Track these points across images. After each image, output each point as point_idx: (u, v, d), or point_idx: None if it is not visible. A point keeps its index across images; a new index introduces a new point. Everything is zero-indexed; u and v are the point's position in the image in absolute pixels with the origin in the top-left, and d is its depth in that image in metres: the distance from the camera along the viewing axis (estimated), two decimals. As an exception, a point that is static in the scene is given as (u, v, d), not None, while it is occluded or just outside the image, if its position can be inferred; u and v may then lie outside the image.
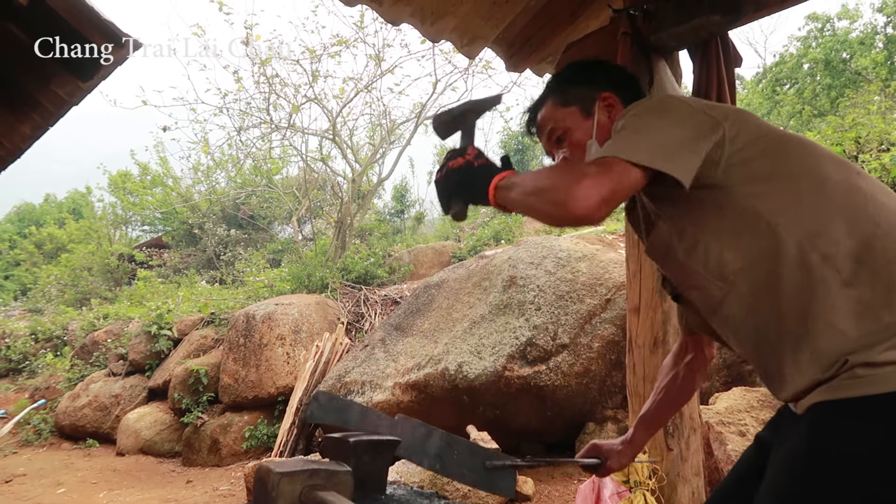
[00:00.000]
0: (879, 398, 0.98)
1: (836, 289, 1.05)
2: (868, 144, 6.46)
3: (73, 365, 9.74)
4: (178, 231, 16.42)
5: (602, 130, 1.42)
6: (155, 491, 5.97)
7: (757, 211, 1.13)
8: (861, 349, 1.01)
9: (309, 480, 1.05)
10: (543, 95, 1.53)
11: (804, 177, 1.14)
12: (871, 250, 1.05)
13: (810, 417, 1.06)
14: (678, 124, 1.18)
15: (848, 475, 0.98)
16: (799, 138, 1.23)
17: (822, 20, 16.78)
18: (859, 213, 1.09)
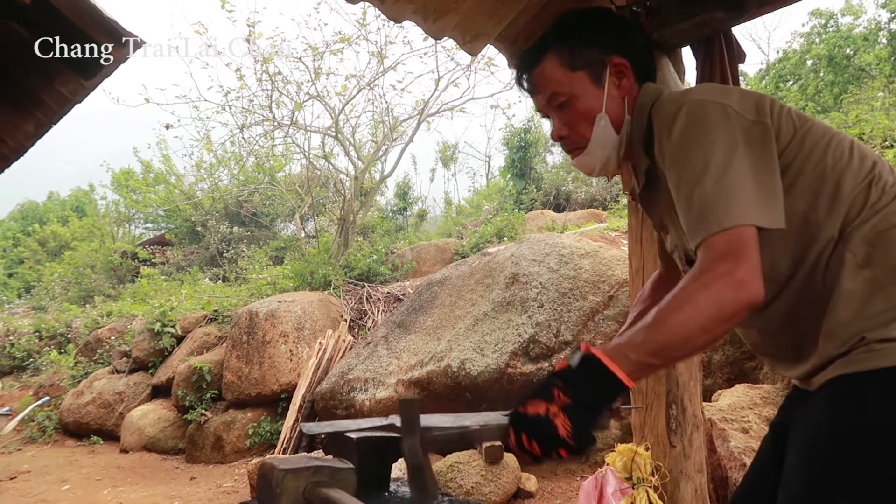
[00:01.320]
0: (893, 370, 1.01)
1: (851, 271, 1.08)
2: (871, 141, 6.44)
3: (76, 362, 9.77)
4: (181, 229, 16.44)
5: (612, 101, 1.31)
6: (159, 488, 5.99)
7: (803, 211, 1.13)
8: (876, 327, 1.04)
9: (312, 477, 1.05)
10: (544, 47, 1.34)
11: (838, 170, 1.14)
12: (885, 234, 1.08)
13: (828, 392, 1.08)
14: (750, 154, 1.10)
15: (871, 445, 1.00)
16: (825, 128, 1.21)
17: (825, 16, 16.73)
18: (880, 201, 1.11)
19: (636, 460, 2.47)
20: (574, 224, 9.58)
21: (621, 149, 1.34)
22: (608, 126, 1.31)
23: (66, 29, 3.09)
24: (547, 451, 1.06)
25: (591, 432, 1.05)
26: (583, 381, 1.05)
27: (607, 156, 1.34)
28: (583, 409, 1.04)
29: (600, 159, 1.34)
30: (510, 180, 14.15)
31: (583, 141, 1.34)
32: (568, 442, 1.03)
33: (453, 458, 4.45)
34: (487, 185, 17.85)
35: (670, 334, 1.03)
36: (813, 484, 1.06)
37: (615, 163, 1.36)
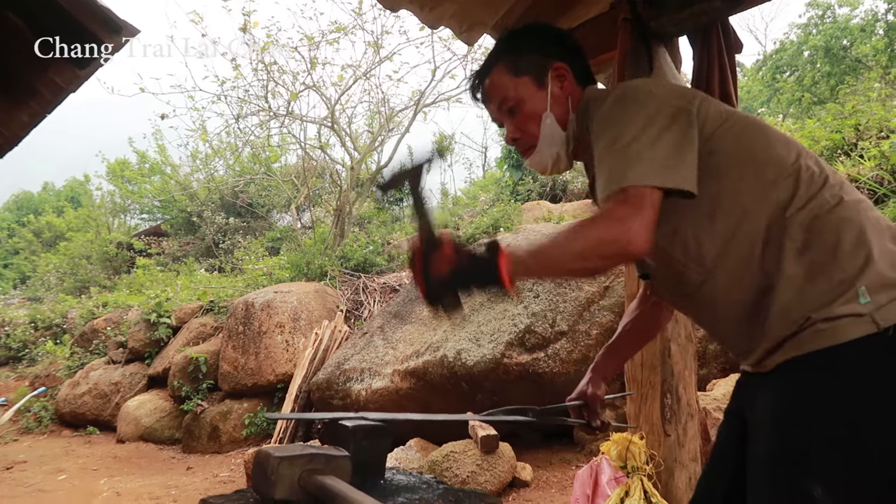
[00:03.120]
0: (839, 348, 1.07)
1: (792, 257, 1.15)
2: (868, 132, 6.45)
3: (72, 353, 9.76)
4: (177, 219, 16.38)
5: (556, 102, 1.43)
6: (155, 477, 6.00)
7: (729, 196, 1.21)
8: (820, 306, 1.10)
9: (308, 465, 1.05)
10: (491, 62, 1.49)
11: (765, 160, 1.22)
12: (819, 220, 1.15)
13: (781, 375, 1.15)
14: (667, 128, 1.20)
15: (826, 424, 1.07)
16: (753, 120, 1.31)
17: (822, 7, 16.70)
18: (809, 189, 1.18)
19: (631, 449, 2.48)
20: (570, 215, 9.58)
21: (569, 145, 1.45)
22: (554, 123, 1.42)
23: (61, 18, 3.06)
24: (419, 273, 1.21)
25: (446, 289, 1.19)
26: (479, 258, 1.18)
27: (556, 153, 1.45)
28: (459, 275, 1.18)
29: (550, 157, 1.45)
30: (506, 171, 14.12)
31: (533, 140, 1.45)
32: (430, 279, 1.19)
33: (449, 448, 4.46)
34: (484, 176, 17.83)
35: (556, 251, 1.17)
36: (779, 467, 1.10)
37: (565, 160, 1.47)
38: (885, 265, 1.11)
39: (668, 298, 1.43)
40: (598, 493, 2.72)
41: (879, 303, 1.07)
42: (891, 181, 5.35)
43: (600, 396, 1.66)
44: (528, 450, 5.06)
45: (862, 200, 1.20)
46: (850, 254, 1.12)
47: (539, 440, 5.27)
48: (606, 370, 1.70)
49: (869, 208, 1.20)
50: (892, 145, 5.49)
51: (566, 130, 1.43)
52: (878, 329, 1.06)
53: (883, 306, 1.07)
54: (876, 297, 1.08)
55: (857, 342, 1.06)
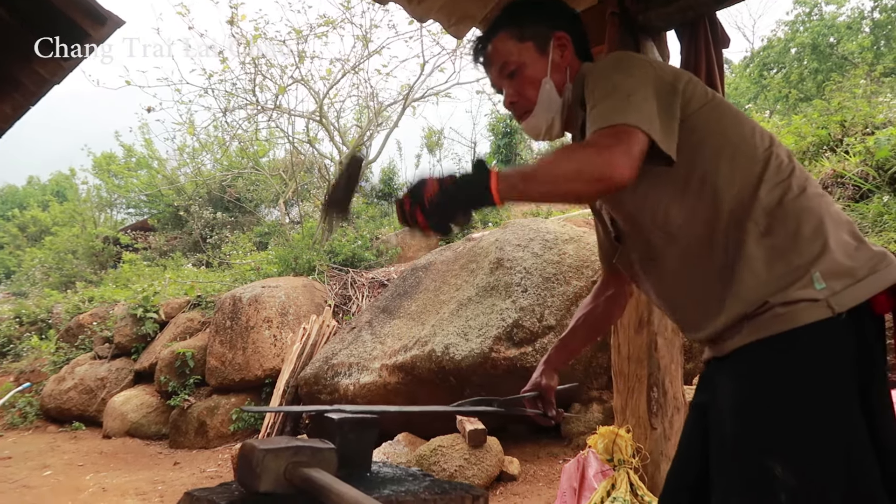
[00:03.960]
0: (797, 331, 1.13)
1: (755, 239, 1.20)
2: (853, 128, 6.50)
3: (58, 348, 9.68)
4: (164, 214, 16.27)
5: (555, 69, 1.47)
6: (142, 473, 5.97)
7: (702, 172, 1.26)
8: (778, 290, 1.16)
9: (293, 457, 1.05)
10: (497, 26, 1.52)
11: (740, 144, 1.28)
12: (783, 206, 1.21)
13: (739, 359, 1.20)
14: (657, 94, 1.26)
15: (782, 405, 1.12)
16: (732, 106, 1.37)
17: (809, 4, 16.81)
18: (777, 177, 1.24)
19: (617, 442, 2.50)
20: (559, 210, 9.60)
21: (563, 113, 1.49)
22: (552, 90, 1.46)
23: (44, 8, 3.02)
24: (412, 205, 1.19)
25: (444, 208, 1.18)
26: (468, 176, 1.20)
27: (552, 118, 1.49)
28: (451, 189, 1.18)
29: (545, 121, 1.49)
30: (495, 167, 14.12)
31: (530, 105, 1.49)
32: (425, 204, 1.18)
33: (437, 443, 4.47)
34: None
35: (543, 171, 1.19)
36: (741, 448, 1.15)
37: (559, 126, 1.51)
38: (841, 255, 1.16)
39: (634, 265, 1.46)
40: (585, 487, 2.74)
41: (834, 289, 1.13)
42: (875, 177, 5.40)
43: (553, 387, 1.73)
44: (515, 444, 5.07)
45: (824, 195, 1.26)
46: (809, 241, 1.18)
47: (527, 434, 5.29)
48: (558, 361, 1.77)
49: (830, 202, 1.26)
50: (876, 142, 5.53)
51: (562, 97, 1.48)
52: (833, 314, 1.12)
53: (837, 293, 1.13)
54: (831, 284, 1.14)
55: (813, 326, 1.12)
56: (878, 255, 1.19)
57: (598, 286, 1.74)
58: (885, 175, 5.34)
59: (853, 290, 1.14)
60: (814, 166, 6.28)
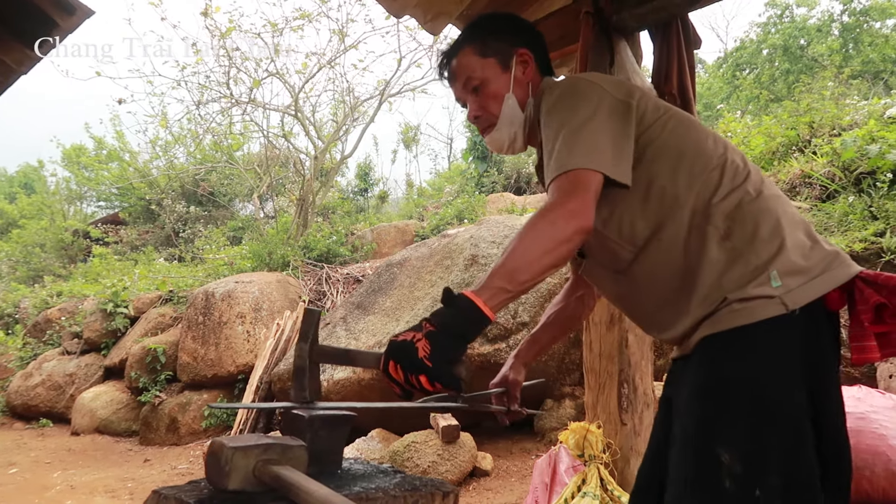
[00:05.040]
0: (751, 327, 1.17)
1: (715, 243, 1.24)
2: (821, 129, 6.62)
3: (25, 343, 9.49)
4: (136, 207, 16.03)
5: (517, 85, 1.51)
6: (111, 470, 5.89)
7: (662, 184, 1.30)
8: (737, 287, 1.20)
9: (263, 455, 1.04)
10: (460, 42, 1.56)
11: (695, 153, 1.32)
12: (741, 209, 1.25)
13: (698, 354, 1.23)
14: (608, 119, 1.30)
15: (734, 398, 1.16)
16: (686, 117, 1.41)
17: (781, 6, 17.09)
18: (734, 181, 1.29)
19: (588, 438, 2.52)
20: (533, 207, 9.65)
21: (526, 127, 1.53)
22: (515, 105, 1.50)
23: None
24: (408, 373, 1.13)
25: (448, 358, 1.13)
26: (447, 312, 1.17)
27: (514, 132, 1.53)
28: (442, 335, 1.14)
29: (508, 136, 1.53)
30: (472, 163, 14.15)
31: (493, 119, 1.53)
32: (426, 364, 1.11)
33: (410, 439, 4.48)
34: (449, 167, 17.83)
35: (517, 258, 1.19)
36: (693, 438, 1.19)
37: (521, 140, 1.55)
38: (796, 254, 1.21)
39: (598, 276, 1.49)
40: (557, 482, 2.76)
41: (789, 287, 1.18)
42: (841, 177, 5.51)
43: (520, 382, 1.75)
44: (489, 439, 5.10)
45: (780, 196, 1.31)
46: (766, 241, 1.22)
47: (500, 430, 5.32)
48: (528, 356, 1.78)
49: (786, 203, 1.30)
50: (843, 143, 5.64)
51: (524, 112, 1.51)
52: (787, 310, 1.16)
53: (792, 290, 1.17)
54: (786, 282, 1.18)
55: (767, 322, 1.16)
56: (831, 254, 1.24)
57: (567, 286, 1.78)
58: (850, 176, 5.46)
59: (806, 287, 1.18)
60: (783, 166, 6.39)
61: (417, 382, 1.13)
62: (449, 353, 1.14)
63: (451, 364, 1.14)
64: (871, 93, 10.68)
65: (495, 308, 1.17)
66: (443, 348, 1.13)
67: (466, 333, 1.16)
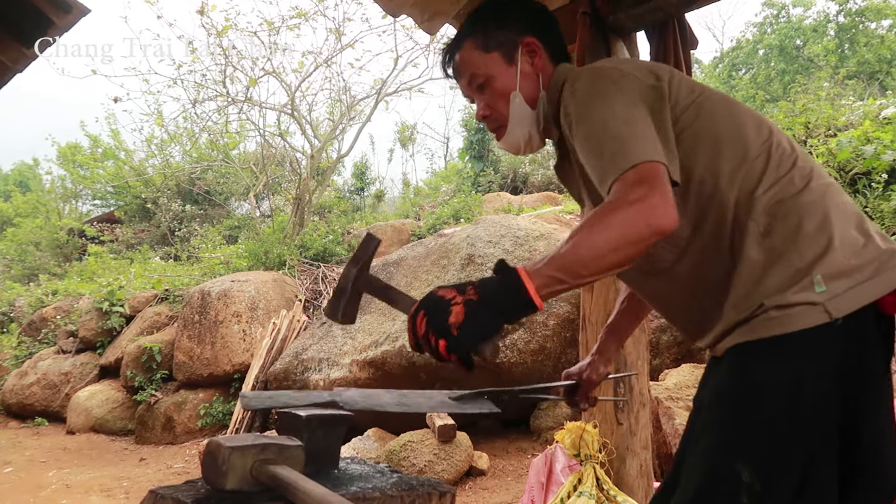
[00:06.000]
0: (788, 337, 1.06)
1: (754, 240, 1.13)
2: (817, 129, 6.64)
3: (20, 342, 9.47)
4: (131, 206, 15.97)
5: (526, 79, 1.38)
6: (107, 469, 5.88)
7: (701, 176, 1.18)
8: (775, 293, 1.09)
9: (260, 455, 1.05)
10: (462, 35, 1.44)
11: (736, 138, 1.20)
12: (783, 203, 1.13)
13: (728, 359, 1.14)
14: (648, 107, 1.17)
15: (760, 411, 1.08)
16: (723, 96, 1.28)
17: (777, 7, 17.13)
18: (779, 170, 1.17)
19: (584, 437, 2.53)
20: (530, 206, 9.66)
21: (540, 124, 1.40)
22: (523, 103, 1.37)
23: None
24: (429, 331, 1.06)
25: (478, 334, 1.05)
26: (494, 285, 1.08)
27: (528, 132, 1.40)
28: (482, 309, 1.06)
29: (522, 136, 1.41)
30: (468, 162, 14.15)
31: (502, 119, 1.40)
32: (451, 332, 1.04)
33: (407, 438, 4.48)
34: (445, 166, 17.83)
35: (582, 252, 1.07)
36: (712, 450, 1.12)
37: (538, 139, 1.42)
38: (846, 253, 1.09)
39: (636, 280, 1.39)
40: (553, 481, 2.77)
41: (835, 292, 1.06)
42: (837, 178, 5.53)
43: (596, 381, 1.63)
44: (485, 439, 5.11)
45: (830, 185, 1.18)
46: (811, 240, 1.10)
47: (496, 429, 5.33)
48: (612, 351, 1.66)
49: (837, 193, 1.17)
50: (838, 143, 5.66)
51: (536, 109, 1.39)
52: (830, 319, 1.05)
53: (838, 295, 1.06)
54: (832, 286, 1.07)
55: (805, 332, 1.06)
56: (886, 252, 1.11)
57: None
58: (846, 176, 5.48)
59: (855, 292, 1.07)
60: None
61: (435, 344, 1.06)
62: (481, 329, 1.06)
63: (477, 341, 1.06)
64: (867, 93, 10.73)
65: (546, 297, 1.06)
66: (476, 323, 1.05)
67: (508, 315, 1.08)
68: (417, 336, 1.09)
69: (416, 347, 1.10)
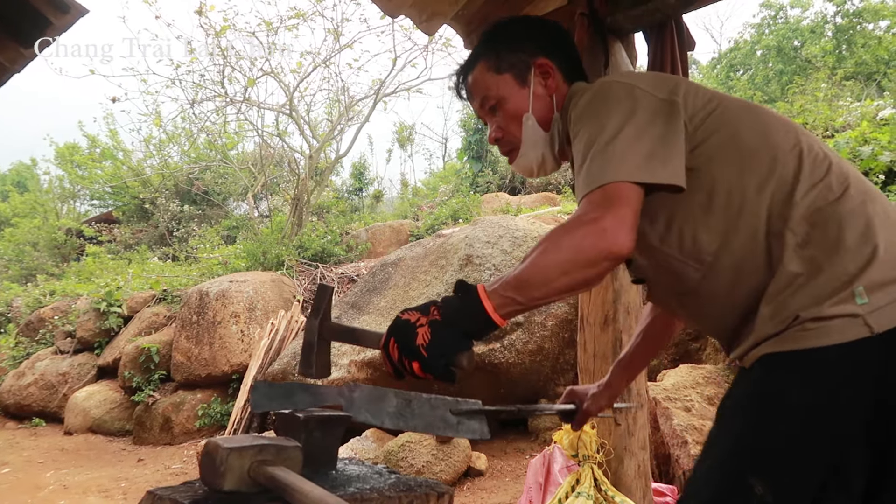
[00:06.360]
0: (823, 351, 1.00)
1: (793, 251, 1.07)
2: (814, 130, 6.66)
3: (17, 342, 9.45)
4: (129, 206, 15.97)
5: (538, 101, 1.36)
6: (104, 470, 5.87)
7: (726, 187, 1.13)
8: (812, 304, 1.03)
9: (258, 456, 1.05)
10: (474, 56, 1.42)
11: (762, 146, 1.15)
12: (822, 211, 1.07)
13: (757, 369, 1.08)
14: (650, 122, 1.14)
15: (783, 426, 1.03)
16: (744, 103, 1.24)
17: (775, 8, 17.16)
18: (813, 175, 1.11)
19: (582, 438, 2.53)
20: (528, 207, 9.67)
21: (554, 146, 1.38)
22: (535, 125, 1.36)
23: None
24: (403, 354, 1.10)
25: (446, 352, 1.09)
26: (456, 304, 1.11)
27: (541, 154, 1.38)
28: (446, 328, 1.09)
29: (535, 159, 1.39)
30: (466, 163, 14.16)
31: (516, 141, 1.39)
32: (422, 353, 1.08)
33: (405, 438, 4.48)
34: (444, 167, 17.84)
35: (532, 272, 1.07)
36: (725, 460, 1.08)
37: (552, 161, 1.40)
38: (891, 263, 1.02)
39: (665, 300, 1.35)
40: (550, 482, 2.77)
41: (877, 304, 1.00)
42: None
43: (593, 413, 1.61)
44: (483, 439, 5.11)
45: (871, 191, 1.12)
46: (854, 250, 1.04)
47: (494, 430, 5.32)
48: (619, 387, 1.62)
49: (879, 199, 1.11)
50: (836, 144, 5.67)
51: (549, 131, 1.37)
52: (871, 333, 0.98)
53: (881, 308, 0.99)
54: (874, 298, 1.00)
55: (843, 346, 1.00)
56: None
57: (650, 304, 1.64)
58: (844, 177, 5.49)
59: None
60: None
61: (410, 368, 1.11)
62: (447, 347, 1.09)
63: (447, 359, 1.09)
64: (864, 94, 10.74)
65: (506, 316, 1.09)
66: (443, 343, 1.09)
67: (471, 333, 1.11)
68: (393, 362, 1.13)
69: (396, 374, 1.14)
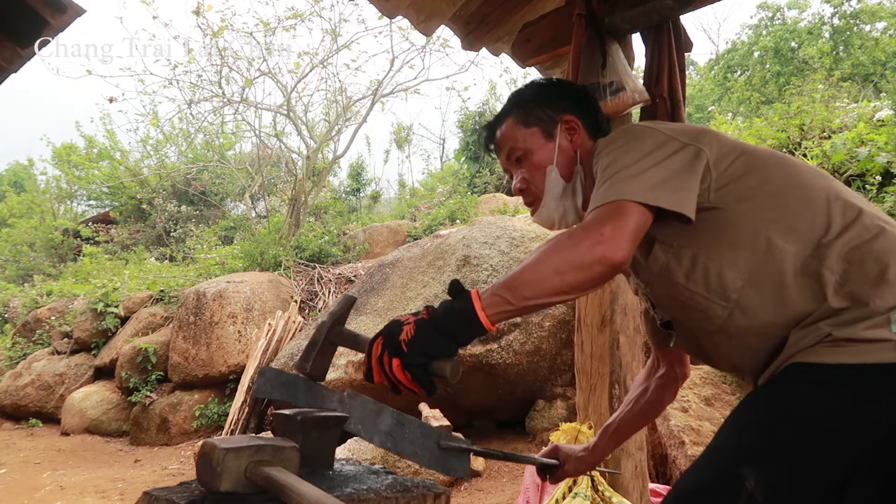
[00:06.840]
0: (852, 367, 1.01)
1: (834, 290, 1.07)
2: (811, 132, 6.66)
3: (14, 343, 9.44)
4: (127, 206, 15.95)
5: (563, 155, 1.42)
6: (101, 470, 5.86)
7: (753, 227, 1.15)
8: (846, 325, 1.04)
9: (255, 456, 1.04)
10: (504, 112, 1.49)
11: (790, 189, 1.17)
12: (859, 250, 1.09)
13: (781, 375, 1.09)
14: (666, 158, 1.18)
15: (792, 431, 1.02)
16: (771, 152, 1.27)
17: (772, 9, 17.18)
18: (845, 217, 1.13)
19: (580, 438, 2.53)
20: (526, 209, 9.65)
21: (577, 198, 1.42)
22: (558, 177, 1.41)
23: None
24: (385, 349, 1.11)
25: (427, 349, 1.09)
26: (447, 307, 1.13)
27: (563, 206, 1.42)
28: (431, 328, 1.11)
29: (556, 210, 1.43)
30: (464, 163, 14.16)
31: (539, 192, 1.44)
32: (402, 348, 1.09)
33: (402, 439, 4.47)
34: (441, 167, 17.84)
35: (525, 272, 1.10)
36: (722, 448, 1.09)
37: (573, 213, 1.43)
38: None
39: (693, 343, 1.33)
40: (548, 482, 2.77)
41: None
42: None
43: (574, 475, 1.64)
44: (480, 440, 5.10)
45: None
46: (893, 286, 1.05)
47: (492, 430, 5.33)
48: (606, 451, 1.64)
49: None
50: (833, 145, 5.68)
51: (571, 182, 1.42)
52: None
53: None
54: None
55: (874, 367, 1.00)
56: None
57: (648, 365, 1.66)
58: (840, 178, 5.50)
59: None
60: (774, 168, 6.41)
61: (389, 364, 1.11)
62: (430, 346, 1.09)
63: (428, 357, 1.09)
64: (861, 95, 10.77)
65: (495, 318, 1.10)
66: (425, 340, 1.10)
67: (457, 335, 1.11)
68: (372, 358, 1.13)
69: (367, 375, 1.15)
